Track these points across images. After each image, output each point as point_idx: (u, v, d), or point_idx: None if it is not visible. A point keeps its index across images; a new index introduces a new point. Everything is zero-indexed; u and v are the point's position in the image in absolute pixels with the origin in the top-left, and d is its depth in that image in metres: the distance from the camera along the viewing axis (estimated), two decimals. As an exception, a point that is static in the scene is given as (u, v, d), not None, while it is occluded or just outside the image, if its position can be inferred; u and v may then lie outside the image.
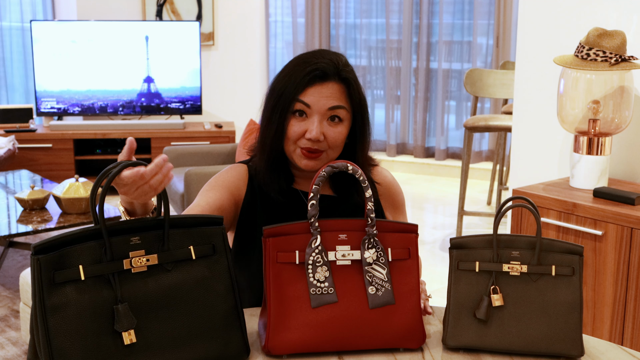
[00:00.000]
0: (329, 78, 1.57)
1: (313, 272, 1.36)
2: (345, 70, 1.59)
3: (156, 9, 6.00)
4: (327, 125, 1.58)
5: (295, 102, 1.57)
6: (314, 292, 1.35)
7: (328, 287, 1.36)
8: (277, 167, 1.64)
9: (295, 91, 1.57)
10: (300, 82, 1.56)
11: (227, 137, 5.71)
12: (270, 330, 1.35)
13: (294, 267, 1.36)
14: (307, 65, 1.57)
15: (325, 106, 1.57)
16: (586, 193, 2.52)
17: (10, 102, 6.21)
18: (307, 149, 1.58)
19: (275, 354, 1.35)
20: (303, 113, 1.58)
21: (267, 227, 1.36)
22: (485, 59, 6.37)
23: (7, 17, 6.13)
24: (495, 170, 5.28)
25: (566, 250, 1.40)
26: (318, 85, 1.57)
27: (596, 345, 1.45)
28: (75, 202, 3.73)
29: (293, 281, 1.36)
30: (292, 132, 1.58)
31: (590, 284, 2.42)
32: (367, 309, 1.37)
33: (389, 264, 1.40)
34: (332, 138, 1.58)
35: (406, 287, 1.40)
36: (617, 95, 2.51)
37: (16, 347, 3.16)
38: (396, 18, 6.58)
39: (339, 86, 1.58)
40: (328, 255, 1.37)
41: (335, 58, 1.60)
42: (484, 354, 1.40)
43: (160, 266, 1.27)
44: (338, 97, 1.58)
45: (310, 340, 1.35)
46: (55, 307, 1.18)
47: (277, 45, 6.93)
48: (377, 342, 1.38)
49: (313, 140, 1.57)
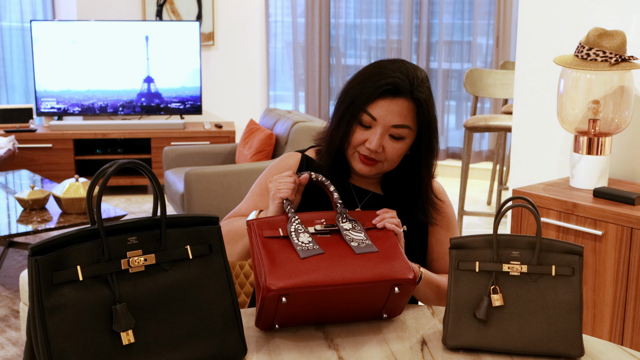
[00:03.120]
0: (400, 94, 1.59)
1: (297, 237, 1.45)
2: (419, 90, 1.60)
3: (156, 9, 6.00)
4: (388, 139, 1.62)
5: (364, 112, 1.60)
6: (300, 248, 1.43)
7: (313, 245, 1.44)
8: (340, 163, 1.69)
9: (366, 101, 1.60)
10: (372, 94, 1.59)
11: (227, 137, 5.70)
12: (266, 273, 1.38)
13: (280, 240, 1.45)
14: (383, 77, 1.59)
15: (390, 122, 1.60)
16: (586, 193, 2.51)
17: (10, 102, 6.21)
18: (365, 156, 1.64)
19: (274, 289, 1.36)
20: (369, 124, 1.61)
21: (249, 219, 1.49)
22: (485, 59, 6.37)
23: (7, 17, 6.13)
24: (495, 170, 5.28)
25: (566, 250, 1.40)
26: (389, 100, 1.59)
27: (596, 345, 1.45)
28: (75, 202, 3.73)
29: (281, 249, 1.44)
30: (354, 139, 1.63)
31: (590, 284, 2.41)
32: (354, 254, 1.43)
33: (365, 231, 1.49)
34: (390, 152, 1.63)
35: (386, 243, 1.48)
36: (617, 95, 2.50)
37: (16, 347, 3.16)
38: (396, 18, 6.58)
39: (408, 104, 1.60)
40: (308, 229, 1.48)
41: (412, 74, 1.61)
42: (484, 354, 1.40)
43: (157, 266, 1.27)
44: (405, 115, 1.60)
45: (305, 277, 1.37)
46: (53, 308, 1.17)
47: (277, 45, 6.93)
48: (370, 274, 1.40)
49: (372, 150, 1.61)
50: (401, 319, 1.53)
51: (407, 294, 1.44)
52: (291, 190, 1.56)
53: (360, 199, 1.71)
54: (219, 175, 4.27)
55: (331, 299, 1.41)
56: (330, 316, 1.47)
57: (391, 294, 1.42)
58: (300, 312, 1.42)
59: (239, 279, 2.01)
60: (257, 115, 6.20)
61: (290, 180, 1.58)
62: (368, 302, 1.45)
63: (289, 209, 1.52)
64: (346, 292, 1.40)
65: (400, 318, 1.53)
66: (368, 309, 1.47)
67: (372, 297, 1.43)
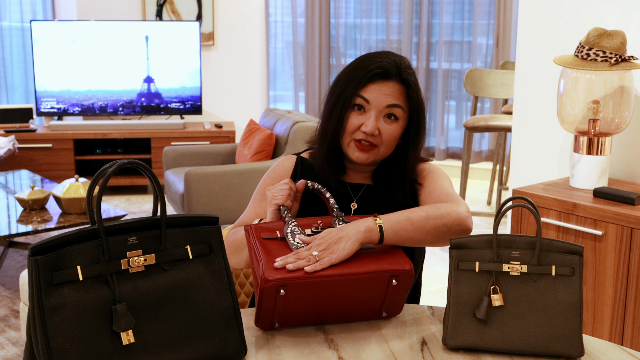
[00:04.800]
0: (390, 77, 1.65)
1: (293, 238, 1.48)
2: (407, 72, 1.67)
3: (156, 9, 6.00)
4: (383, 121, 1.66)
5: (356, 97, 1.65)
6: (296, 248, 1.46)
7: None
8: (335, 158, 1.71)
9: (357, 86, 1.65)
10: (363, 78, 1.65)
11: (227, 137, 5.70)
12: (264, 266, 1.39)
13: (277, 240, 1.49)
14: (371, 63, 1.65)
15: (383, 103, 1.65)
16: (586, 193, 2.51)
17: (10, 102, 6.21)
18: (361, 141, 1.66)
19: (271, 280, 1.36)
20: (362, 107, 1.66)
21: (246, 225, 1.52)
22: (485, 59, 6.37)
23: (7, 17, 6.13)
24: (495, 170, 5.28)
25: (566, 250, 1.40)
26: (379, 83, 1.65)
27: (596, 345, 1.45)
28: (75, 202, 3.73)
29: (278, 248, 1.46)
30: (350, 125, 1.66)
31: (590, 284, 2.41)
32: None
33: None
34: (386, 134, 1.66)
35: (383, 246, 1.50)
36: (617, 95, 2.50)
37: (16, 347, 3.16)
38: (396, 18, 6.58)
39: (398, 86, 1.66)
40: (305, 231, 1.51)
41: (398, 60, 1.68)
42: (484, 354, 1.40)
43: (157, 266, 1.27)
44: (397, 96, 1.66)
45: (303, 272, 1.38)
46: (53, 308, 1.17)
47: (277, 45, 6.93)
48: (368, 267, 1.41)
49: (368, 134, 1.64)
50: (401, 319, 1.53)
51: (405, 286, 1.45)
52: (286, 196, 1.60)
53: (354, 194, 1.74)
54: (219, 175, 4.27)
55: (329, 292, 1.41)
56: (329, 314, 1.47)
57: (389, 287, 1.43)
58: (298, 309, 1.43)
59: (239, 279, 2.02)
60: (257, 115, 6.20)
61: (285, 187, 1.61)
62: (366, 296, 1.45)
63: (286, 214, 1.55)
64: (344, 284, 1.40)
65: (400, 317, 1.53)
66: (367, 306, 1.48)
67: (370, 290, 1.44)
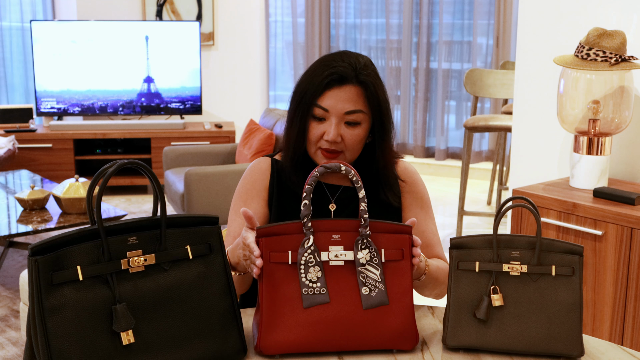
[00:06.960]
0: (346, 82, 1.61)
1: (305, 272, 1.36)
2: (364, 74, 1.62)
3: (156, 9, 6.00)
4: (344, 127, 1.63)
5: (314, 106, 1.62)
6: (305, 292, 1.36)
7: (320, 288, 1.36)
8: (302, 165, 1.69)
9: (314, 95, 1.62)
10: (319, 86, 1.61)
11: (227, 137, 5.70)
12: (262, 330, 1.35)
13: (287, 267, 1.37)
14: (326, 69, 1.62)
15: (342, 110, 1.61)
16: (586, 193, 2.51)
17: (10, 102, 6.21)
18: (326, 150, 1.64)
19: (267, 354, 1.35)
20: (322, 117, 1.63)
21: (260, 227, 1.37)
22: (485, 59, 6.37)
23: (7, 17, 6.12)
24: (495, 170, 5.28)
25: (566, 250, 1.40)
26: (336, 89, 1.61)
27: (596, 345, 1.45)
28: (75, 202, 3.73)
29: (286, 281, 1.36)
30: (312, 135, 1.64)
31: (590, 284, 2.41)
32: (360, 310, 1.37)
33: (383, 264, 1.39)
34: (350, 140, 1.63)
35: (399, 288, 1.40)
36: (617, 95, 2.50)
37: (16, 347, 3.16)
38: (396, 18, 6.57)
39: (356, 89, 1.62)
40: (321, 256, 1.38)
41: (354, 61, 1.63)
42: (484, 354, 1.40)
43: (157, 266, 1.27)
44: (355, 100, 1.62)
45: (301, 340, 1.35)
46: (53, 308, 1.17)
47: (277, 45, 6.93)
48: (369, 344, 1.38)
49: (331, 142, 1.62)
50: (401, 319, 1.53)
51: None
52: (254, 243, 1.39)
53: (332, 194, 1.69)
54: (219, 175, 4.27)
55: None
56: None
57: None
58: None
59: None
60: (257, 115, 6.20)
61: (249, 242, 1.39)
62: None
63: (306, 221, 1.37)
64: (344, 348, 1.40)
65: (400, 318, 1.53)
66: None
67: None
